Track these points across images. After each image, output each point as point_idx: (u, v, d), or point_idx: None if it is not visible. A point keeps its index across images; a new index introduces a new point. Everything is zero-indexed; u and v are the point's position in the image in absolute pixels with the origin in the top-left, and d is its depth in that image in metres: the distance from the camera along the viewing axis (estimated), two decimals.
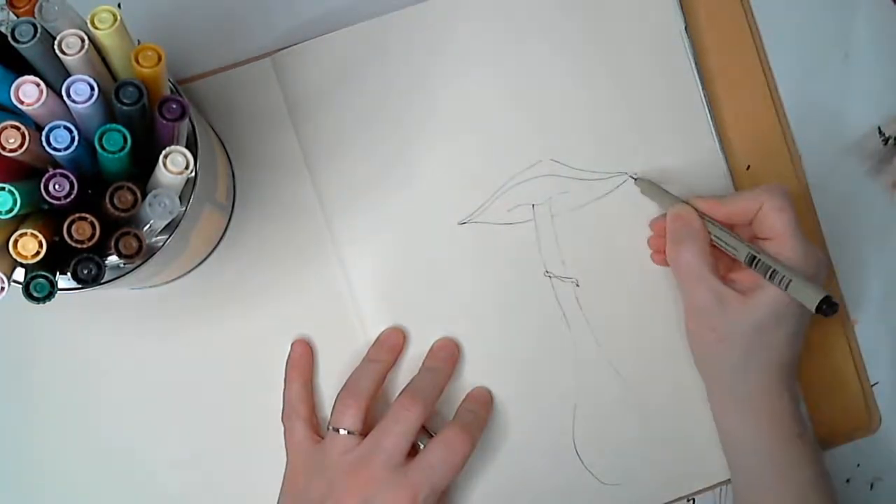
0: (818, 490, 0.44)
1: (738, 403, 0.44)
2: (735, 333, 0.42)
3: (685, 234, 0.44)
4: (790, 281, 0.40)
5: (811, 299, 0.40)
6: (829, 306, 0.39)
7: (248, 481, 0.48)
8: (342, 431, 0.44)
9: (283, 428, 0.46)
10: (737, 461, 0.46)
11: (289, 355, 0.48)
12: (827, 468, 0.45)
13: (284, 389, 0.47)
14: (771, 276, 0.41)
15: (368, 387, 0.45)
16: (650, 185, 0.47)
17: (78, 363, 0.48)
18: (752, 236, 0.44)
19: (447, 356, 0.47)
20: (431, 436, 0.45)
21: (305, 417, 0.46)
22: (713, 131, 0.49)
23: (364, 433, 0.44)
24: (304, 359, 0.47)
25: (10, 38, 0.32)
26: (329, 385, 0.48)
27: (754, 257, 0.42)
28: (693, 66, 0.49)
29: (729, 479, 0.48)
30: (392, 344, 0.47)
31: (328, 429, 0.44)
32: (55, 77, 0.33)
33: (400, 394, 0.45)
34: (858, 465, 0.49)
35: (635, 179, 0.48)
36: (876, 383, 0.50)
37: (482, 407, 0.47)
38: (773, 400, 0.43)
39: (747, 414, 0.44)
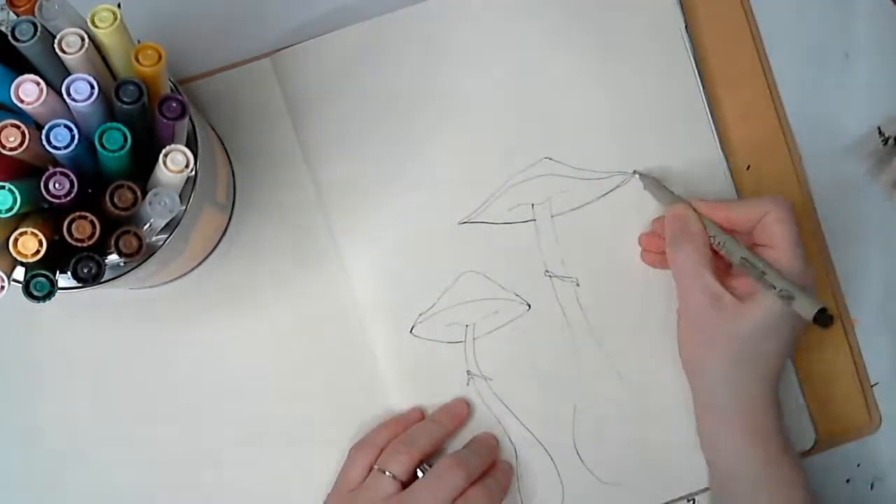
0: None
1: (723, 415, 0.43)
2: (726, 339, 0.42)
3: (683, 234, 0.44)
4: (788, 291, 0.40)
5: (808, 309, 0.40)
6: (825, 317, 0.40)
7: (247, 481, 0.48)
8: (387, 474, 0.43)
9: (346, 454, 0.46)
10: (719, 475, 0.45)
11: (403, 415, 0.47)
12: (813, 492, 0.43)
13: (378, 428, 0.46)
14: (767, 283, 0.41)
15: (425, 443, 0.45)
16: (653, 182, 0.47)
17: (77, 362, 0.48)
18: (751, 244, 0.44)
19: (490, 449, 0.47)
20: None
21: (371, 461, 0.45)
22: (713, 131, 0.49)
23: (406, 484, 0.44)
24: (407, 423, 0.47)
25: (10, 37, 0.32)
26: (325, 387, 0.48)
27: (752, 263, 0.42)
28: (693, 65, 0.49)
29: None
30: (457, 412, 0.47)
31: (374, 468, 0.44)
32: (55, 76, 0.33)
33: (445, 457, 0.44)
34: (858, 465, 0.49)
35: (639, 175, 0.48)
36: (876, 383, 0.50)
37: (504, 476, 0.47)
38: (758, 414, 0.42)
39: (732, 426, 0.43)
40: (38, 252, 0.32)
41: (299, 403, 0.48)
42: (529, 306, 0.48)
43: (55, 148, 0.32)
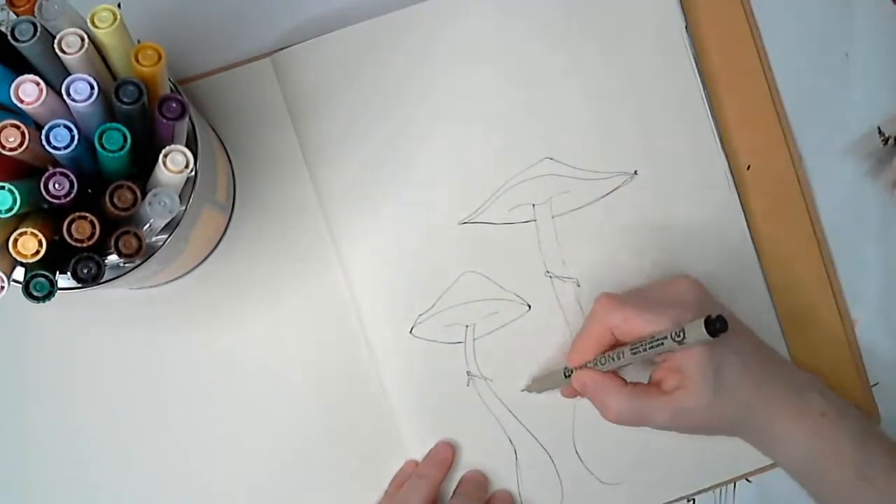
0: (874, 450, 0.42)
1: (767, 437, 0.43)
2: (704, 410, 0.41)
3: (594, 393, 0.43)
4: (674, 335, 0.38)
5: (699, 331, 0.37)
6: (715, 325, 0.37)
7: (246, 481, 0.48)
8: None
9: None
10: (808, 475, 0.43)
11: (398, 473, 0.47)
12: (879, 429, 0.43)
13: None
14: (665, 347, 0.39)
15: (416, 501, 0.45)
16: (538, 383, 0.47)
17: (77, 363, 0.48)
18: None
19: (479, 486, 0.47)
20: None
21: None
22: (714, 131, 0.49)
23: None
24: (402, 481, 0.47)
25: (9, 37, 0.32)
26: (324, 387, 0.48)
27: (643, 348, 0.40)
28: (693, 65, 0.49)
29: (728, 480, 0.48)
30: (442, 459, 0.47)
31: None
32: (55, 76, 0.33)
33: None
34: None
35: (528, 391, 0.48)
36: (876, 384, 0.50)
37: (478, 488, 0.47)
38: (773, 408, 0.42)
39: (774, 437, 0.42)
40: (37, 252, 0.32)
41: (298, 404, 0.48)
42: (530, 307, 0.48)
43: (55, 148, 0.32)
